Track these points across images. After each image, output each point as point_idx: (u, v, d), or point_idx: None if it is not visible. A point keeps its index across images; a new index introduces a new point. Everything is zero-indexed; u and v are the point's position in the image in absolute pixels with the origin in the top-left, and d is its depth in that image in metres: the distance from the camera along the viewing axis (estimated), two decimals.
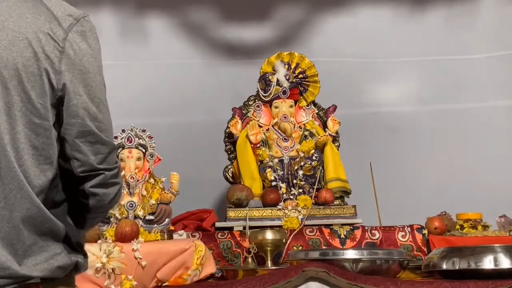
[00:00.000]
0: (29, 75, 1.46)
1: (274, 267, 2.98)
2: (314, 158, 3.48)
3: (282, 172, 3.48)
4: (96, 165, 1.53)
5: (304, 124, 3.58)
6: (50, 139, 1.49)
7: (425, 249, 3.25)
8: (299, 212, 3.35)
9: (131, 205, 3.06)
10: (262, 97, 3.56)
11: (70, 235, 1.53)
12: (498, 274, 2.63)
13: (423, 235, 3.29)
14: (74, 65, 1.49)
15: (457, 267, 2.68)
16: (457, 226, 3.36)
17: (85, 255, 1.59)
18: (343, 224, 3.34)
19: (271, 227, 3.21)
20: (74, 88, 1.49)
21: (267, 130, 3.56)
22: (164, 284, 2.85)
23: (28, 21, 1.47)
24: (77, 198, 1.56)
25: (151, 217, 3.08)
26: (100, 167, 1.54)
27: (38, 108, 1.47)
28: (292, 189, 3.45)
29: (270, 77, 3.56)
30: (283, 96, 3.55)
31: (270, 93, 3.54)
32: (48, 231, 1.48)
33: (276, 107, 3.56)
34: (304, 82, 3.60)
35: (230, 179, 3.59)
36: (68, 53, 1.49)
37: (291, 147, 3.52)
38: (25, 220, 1.45)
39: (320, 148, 3.51)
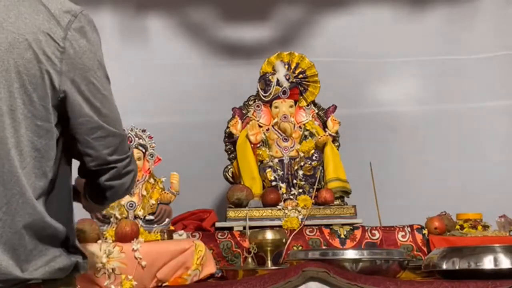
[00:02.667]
0: (31, 77, 1.46)
1: (274, 267, 2.98)
2: (314, 158, 3.48)
3: (282, 172, 3.48)
4: (108, 157, 1.56)
5: (304, 124, 3.58)
6: (52, 141, 1.49)
7: (425, 249, 3.25)
8: (299, 212, 3.35)
9: (131, 205, 3.06)
10: (262, 97, 3.56)
11: (70, 237, 1.53)
12: (498, 274, 2.63)
13: (423, 235, 3.29)
14: (75, 64, 1.49)
15: (457, 267, 2.67)
16: (457, 226, 3.36)
17: (84, 256, 1.59)
18: (343, 224, 3.34)
19: (271, 227, 3.21)
20: (76, 88, 1.50)
21: (267, 130, 3.56)
22: (164, 284, 2.85)
23: (27, 21, 1.47)
24: (94, 190, 1.63)
25: (151, 217, 3.07)
26: (112, 159, 1.57)
27: (40, 110, 1.47)
28: (292, 189, 3.45)
29: (270, 77, 3.56)
30: (283, 96, 3.55)
31: (270, 93, 3.54)
32: (49, 236, 1.48)
33: (276, 107, 3.56)
34: (304, 82, 3.60)
35: (230, 179, 3.59)
36: (69, 52, 1.49)
37: (291, 147, 3.52)
38: (27, 226, 1.45)
39: (320, 148, 3.51)
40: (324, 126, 3.60)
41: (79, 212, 1.71)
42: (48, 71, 1.47)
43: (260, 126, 3.55)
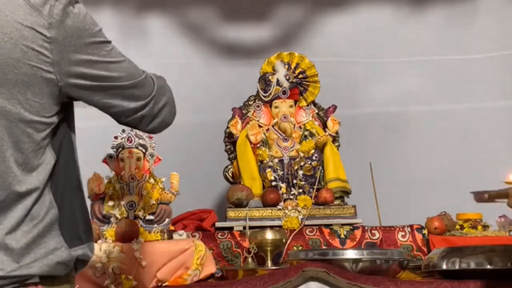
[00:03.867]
0: (22, 76, 1.44)
1: (274, 267, 2.98)
2: (314, 158, 3.48)
3: (282, 172, 3.48)
4: (134, 106, 1.60)
5: (304, 124, 3.58)
6: (49, 134, 1.48)
7: (425, 249, 3.25)
8: (299, 212, 3.35)
9: (131, 205, 3.06)
10: (262, 97, 3.56)
11: (72, 226, 1.52)
12: (498, 274, 2.63)
13: (423, 235, 3.29)
14: (67, 49, 1.47)
15: (457, 267, 2.68)
16: (457, 226, 3.36)
17: (90, 249, 1.57)
18: (343, 224, 3.34)
19: (271, 227, 3.21)
20: (75, 71, 1.49)
21: (267, 130, 3.56)
22: (164, 284, 2.85)
23: (8, 18, 1.43)
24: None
25: (151, 217, 3.07)
26: (139, 105, 1.61)
27: (35, 107, 1.46)
28: (292, 189, 3.45)
29: (270, 77, 3.56)
30: (283, 96, 3.55)
31: (270, 93, 3.54)
32: (47, 228, 1.47)
33: (276, 107, 3.56)
34: (304, 82, 3.60)
35: (230, 179, 3.59)
36: (57, 40, 1.46)
37: (291, 147, 3.52)
38: (21, 222, 1.45)
39: (320, 148, 3.51)
40: (324, 126, 3.60)
41: None
42: (40, 66, 1.44)
43: (260, 126, 3.55)
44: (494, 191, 2.46)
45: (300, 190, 3.45)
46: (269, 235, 3.06)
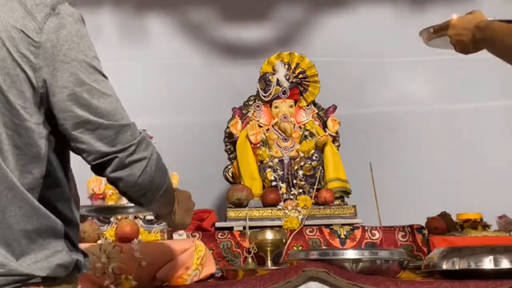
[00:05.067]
0: (5, 76, 1.43)
1: (274, 267, 2.98)
2: (314, 158, 3.48)
3: (282, 172, 3.48)
4: (104, 150, 1.48)
5: (304, 124, 3.58)
6: (32, 139, 1.45)
7: (425, 249, 3.25)
8: (299, 212, 3.35)
9: None
10: (262, 97, 3.57)
11: (70, 233, 1.52)
12: (498, 274, 2.63)
13: (423, 235, 3.29)
14: (54, 58, 1.44)
15: (457, 267, 2.67)
16: (457, 226, 3.36)
17: (85, 255, 1.58)
18: (343, 224, 3.34)
19: (271, 227, 3.21)
20: (56, 82, 1.44)
21: (267, 130, 3.56)
22: (164, 284, 2.85)
23: (1, 19, 1.43)
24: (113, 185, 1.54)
25: (151, 217, 3.07)
26: (111, 150, 1.48)
27: (17, 109, 1.44)
28: (292, 189, 3.45)
29: (270, 77, 3.56)
30: (283, 96, 3.55)
31: (270, 93, 3.54)
32: (47, 228, 1.47)
33: (276, 107, 3.56)
34: (304, 82, 3.60)
35: (230, 179, 3.59)
36: (45, 46, 1.44)
37: (291, 147, 3.52)
38: (19, 220, 1.45)
39: (320, 148, 3.51)
40: (324, 126, 3.60)
41: None
42: (23, 68, 1.43)
43: (260, 126, 3.55)
44: (437, 24, 2.58)
45: (300, 190, 3.45)
46: (269, 235, 3.06)
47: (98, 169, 1.52)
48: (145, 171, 1.52)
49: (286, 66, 3.58)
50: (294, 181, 3.47)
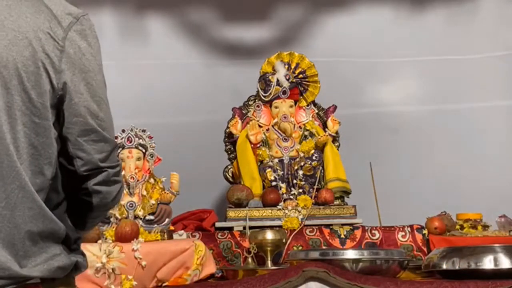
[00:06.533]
0: (29, 75, 1.46)
1: (274, 267, 2.98)
2: (314, 158, 3.48)
3: (282, 172, 3.48)
4: (100, 163, 1.53)
5: (304, 124, 3.58)
6: (49, 139, 1.48)
7: (425, 249, 3.25)
8: (299, 212, 3.35)
9: (131, 205, 3.06)
10: (262, 97, 3.56)
11: (70, 235, 1.53)
12: (498, 274, 2.63)
13: (423, 235, 3.29)
14: (74, 64, 1.49)
15: (457, 267, 2.68)
16: (457, 226, 3.36)
17: (83, 254, 1.58)
18: (343, 224, 3.34)
19: (271, 227, 3.21)
20: (75, 87, 1.49)
21: (267, 130, 3.56)
22: (164, 284, 2.85)
23: (28, 20, 1.47)
24: (80, 197, 1.56)
25: (151, 217, 3.08)
26: (104, 165, 1.53)
27: (38, 108, 1.47)
28: (292, 189, 3.45)
29: (270, 77, 3.56)
30: (283, 96, 3.55)
31: (270, 93, 3.54)
32: (49, 231, 1.48)
33: (276, 107, 3.56)
34: (304, 82, 3.60)
35: (230, 179, 3.59)
36: (68, 52, 1.48)
37: (291, 147, 3.52)
38: (27, 220, 1.45)
39: (320, 148, 3.51)
40: (324, 126, 3.60)
41: None
42: (47, 68, 1.47)
43: (260, 126, 3.55)
44: None
45: (300, 190, 3.45)
46: (269, 235, 3.06)
47: (82, 179, 1.55)
48: (119, 193, 1.58)
49: (286, 66, 3.58)
50: (294, 181, 3.47)
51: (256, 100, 3.61)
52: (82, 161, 1.52)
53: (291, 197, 3.42)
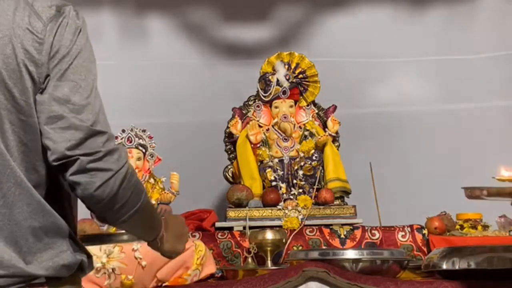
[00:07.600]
0: (10, 73, 1.45)
1: (274, 267, 2.98)
2: (314, 158, 3.48)
3: (282, 172, 3.48)
4: (67, 151, 1.41)
5: (304, 124, 3.58)
6: (37, 136, 1.46)
7: (425, 249, 3.25)
8: (299, 212, 3.35)
9: None
10: (262, 97, 3.56)
11: (73, 232, 1.52)
12: (498, 274, 2.63)
13: (423, 235, 3.29)
14: (54, 53, 1.46)
15: (457, 267, 2.68)
16: (457, 226, 3.36)
17: (89, 256, 1.58)
18: (343, 224, 3.34)
19: (271, 227, 3.21)
20: (53, 77, 1.45)
21: (267, 130, 3.56)
22: (164, 284, 2.85)
23: (8, 18, 1.46)
24: (66, 189, 1.48)
25: None
26: (72, 153, 1.41)
27: (22, 106, 1.45)
28: (292, 189, 3.45)
29: (270, 77, 3.56)
30: (283, 96, 3.55)
31: (270, 93, 3.54)
32: (52, 226, 1.47)
33: (276, 107, 3.56)
34: (304, 82, 3.60)
35: (230, 179, 3.59)
36: (48, 41, 1.46)
37: (291, 147, 3.52)
38: (27, 216, 1.45)
39: (320, 148, 3.51)
40: (324, 126, 3.60)
41: (78, 212, 1.68)
42: (26, 64, 1.44)
43: (260, 126, 3.55)
44: (493, 188, 2.37)
45: (300, 190, 3.45)
46: (269, 235, 3.06)
47: (61, 171, 1.45)
48: (107, 183, 1.43)
49: (286, 66, 3.58)
50: (294, 181, 3.47)
51: (256, 100, 3.61)
52: (50, 151, 1.43)
53: (291, 197, 3.42)
